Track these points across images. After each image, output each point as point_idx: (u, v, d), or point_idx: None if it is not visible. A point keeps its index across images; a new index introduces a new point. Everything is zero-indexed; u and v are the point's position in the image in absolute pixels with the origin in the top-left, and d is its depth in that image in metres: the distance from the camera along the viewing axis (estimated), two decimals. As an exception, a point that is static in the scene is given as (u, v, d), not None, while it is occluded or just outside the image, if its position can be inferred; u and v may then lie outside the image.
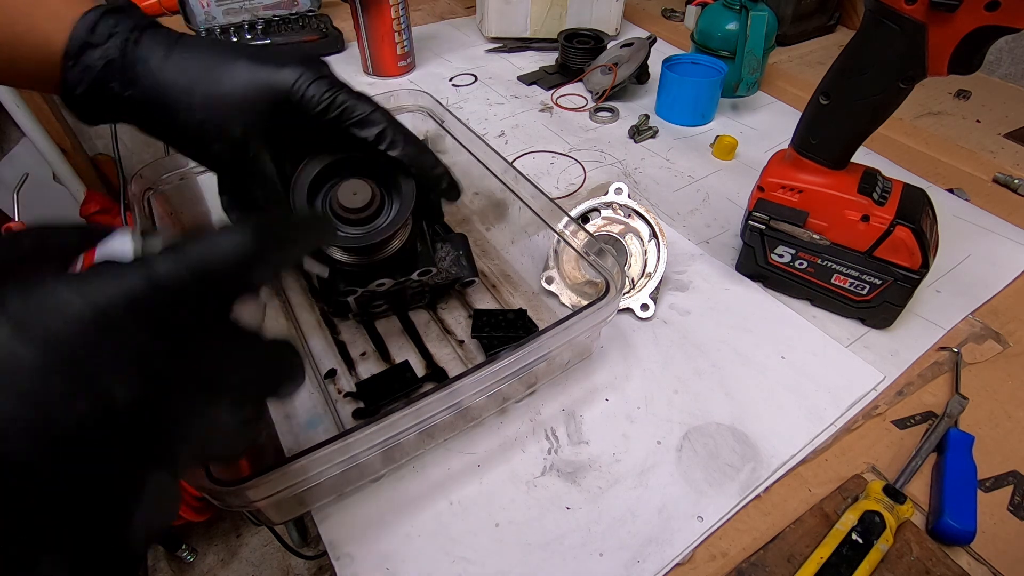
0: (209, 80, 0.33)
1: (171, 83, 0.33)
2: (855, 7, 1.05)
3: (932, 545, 0.37)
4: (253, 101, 0.34)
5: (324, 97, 0.35)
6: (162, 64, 0.33)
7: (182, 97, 0.33)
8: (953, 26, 0.37)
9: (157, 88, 0.33)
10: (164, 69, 0.33)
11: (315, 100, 0.34)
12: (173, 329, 0.18)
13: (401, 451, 0.40)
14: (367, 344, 0.49)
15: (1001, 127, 0.80)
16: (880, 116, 0.44)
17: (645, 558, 0.37)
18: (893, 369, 0.48)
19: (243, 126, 0.34)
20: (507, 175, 0.51)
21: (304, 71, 0.34)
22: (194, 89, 0.33)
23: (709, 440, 0.43)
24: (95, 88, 0.33)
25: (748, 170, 0.71)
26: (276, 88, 0.34)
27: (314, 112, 0.35)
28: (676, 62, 0.80)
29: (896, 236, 0.45)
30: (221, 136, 0.34)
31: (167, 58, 0.33)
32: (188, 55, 0.34)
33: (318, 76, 0.35)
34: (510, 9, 0.95)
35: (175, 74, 0.33)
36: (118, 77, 0.33)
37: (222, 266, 0.19)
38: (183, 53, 0.34)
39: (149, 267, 0.17)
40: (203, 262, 0.18)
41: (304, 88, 0.34)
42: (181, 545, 1.07)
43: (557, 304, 0.52)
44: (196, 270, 0.18)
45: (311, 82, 0.34)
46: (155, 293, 0.17)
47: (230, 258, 0.19)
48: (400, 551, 0.37)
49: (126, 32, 0.33)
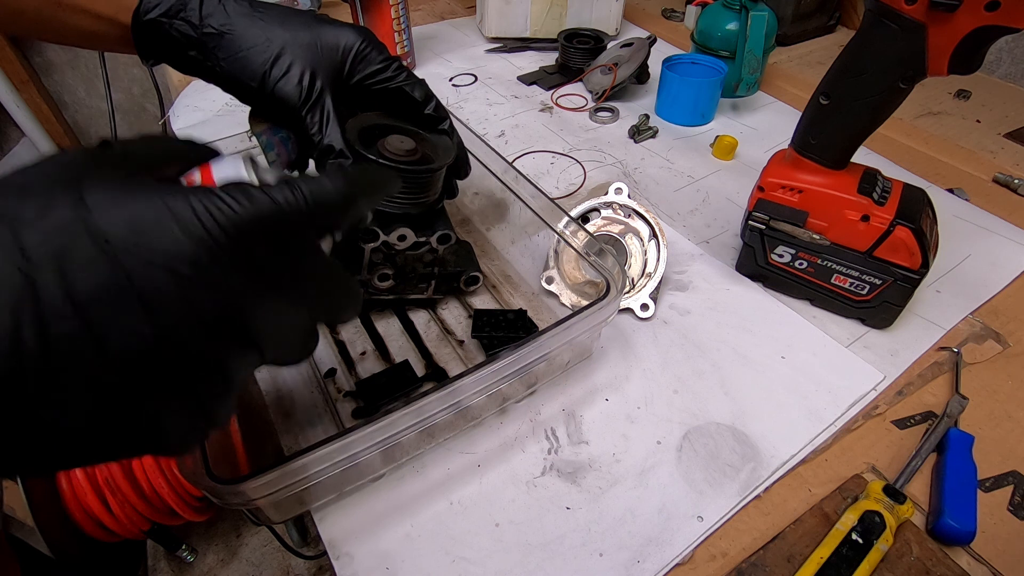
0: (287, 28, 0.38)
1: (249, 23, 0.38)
2: (855, 7, 1.05)
3: (932, 545, 0.37)
4: (326, 50, 0.40)
5: (383, 59, 0.42)
6: (241, 7, 0.38)
7: (261, 35, 0.38)
8: (953, 26, 0.37)
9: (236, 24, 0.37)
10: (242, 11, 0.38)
11: (377, 59, 0.42)
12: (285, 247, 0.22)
13: (401, 451, 0.40)
14: (367, 343, 0.49)
15: (1001, 127, 0.79)
16: (880, 116, 0.44)
17: (645, 558, 0.37)
18: (893, 369, 0.48)
19: (313, 67, 0.39)
20: (507, 175, 0.51)
21: (368, 34, 0.42)
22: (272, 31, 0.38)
23: (709, 440, 0.43)
24: (169, 13, 0.37)
25: (748, 170, 0.71)
26: (345, 43, 0.40)
27: (372, 70, 0.42)
28: (676, 62, 0.80)
29: (896, 236, 0.45)
30: (291, 74, 0.38)
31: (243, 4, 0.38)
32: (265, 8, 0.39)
33: (378, 42, 0.42)
34: (510, 9, 0.95)
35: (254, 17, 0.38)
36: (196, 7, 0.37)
37: (330, 202, 0.23)
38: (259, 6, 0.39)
39: (274, 195, 0.21)
40: (315, 197, 0.22)
41: (368, 48, 0.41)
42: (181, 545, 1.07)
43: (557, 304, 0.52)
44: (311, 203, 0.22)
45: (372, 44, 0.41)
46: (279, 216, 0.21)
47: (335, 198, 0.23)
48: (400, 551, 0.37)
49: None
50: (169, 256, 0.18)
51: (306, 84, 0.38)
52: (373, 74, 0.42)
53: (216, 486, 0.29)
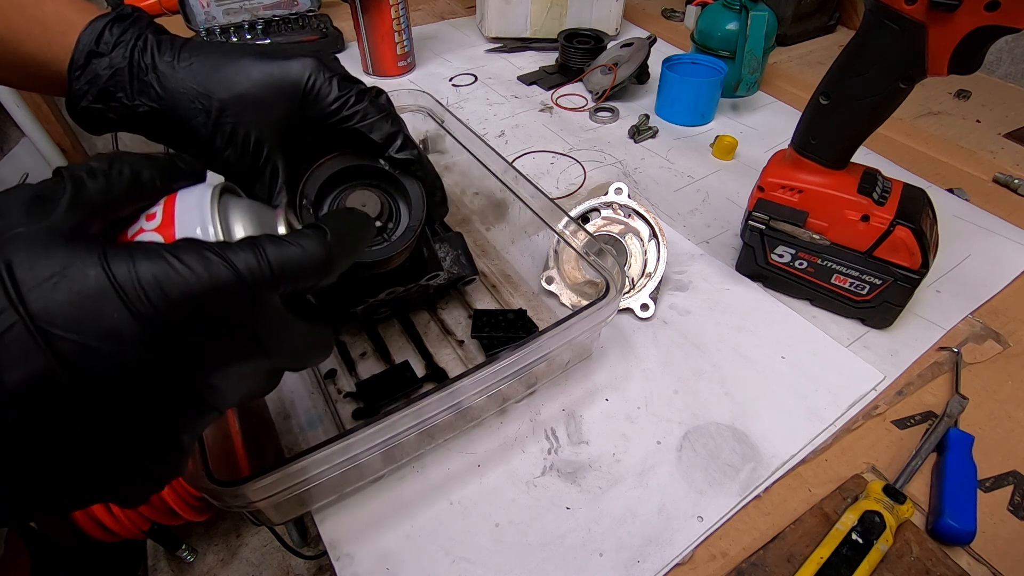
0: (220, 82, 0.33)
1: (182, 91, 0.32)
2: (855, 7, 1.05)
3: (932, 545, 0.37)
4: (268, 100, 0.33)
5: (337, 96, 0.34)
6: (170, 72, 0.32)
7: (195, 104, 0.33)
8: (953, 26, 0.37)
9: (168, 97, 0.33)
10: (173, 76, 0.32)
11: (328, 96, 0.34)
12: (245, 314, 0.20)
13: (401, 451, 0.40)
14: (367, 344, 0.49)
15: (1001, 127, 0.79)
16: (880, 116, 0.44)
17: (645, 558, 0.37)
18: (893, 369, 0.48)
19: (258, 129, 0.33)
20: (507, 175, 0.51)
21: (315, 64, 0.34)
22: (207, 94, 0.33)
23: (709, 440, 0.43)
24: (101, 99, 0.32)
25: (748, 170, 0.71)
26: (288, 81, 0.33)
27: (326, 109, 0.34)
28: (676, 62, 0.80)
29: (896, 236, 0.45)
30: (235, 142, 0.33)
31: (175, 64, 0.33)
32: (196, 59, 0.33)
33: (329, 71, 0.34)
34: (510, 9, 0.95)
35: (185, 80, 0.33)
36: (125, 88, 0.32)
37: (298, 271, 0.21)
38: (191, 57, 0.33)
39: (236, 262, 0.19)
40: (282, 264, 0.20)
41: (316, 84, 0.34)
42: (181, 545, 1.07)
43: (557, 304, 0.52)
44: (275, 271, 0.20)
45: (322, 76, 0.34)
46: (237, 285, 0.19)
47: (306, 266, 0.21)
48: (400, 551, 0.37)
49: (132, 40, 0.32)
50: (113, 339, 0.17)
51: (251, 149, 0.34)
52: (329, 114, 0.35)
53: (216, 488, 0.29)
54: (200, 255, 0.19)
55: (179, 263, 0.18)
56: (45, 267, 0.17)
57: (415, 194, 0.38)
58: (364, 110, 0.35)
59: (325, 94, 0.34)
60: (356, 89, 0.35)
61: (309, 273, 0.22)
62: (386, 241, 0.38)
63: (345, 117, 0.35)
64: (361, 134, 0.36)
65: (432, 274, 0.45)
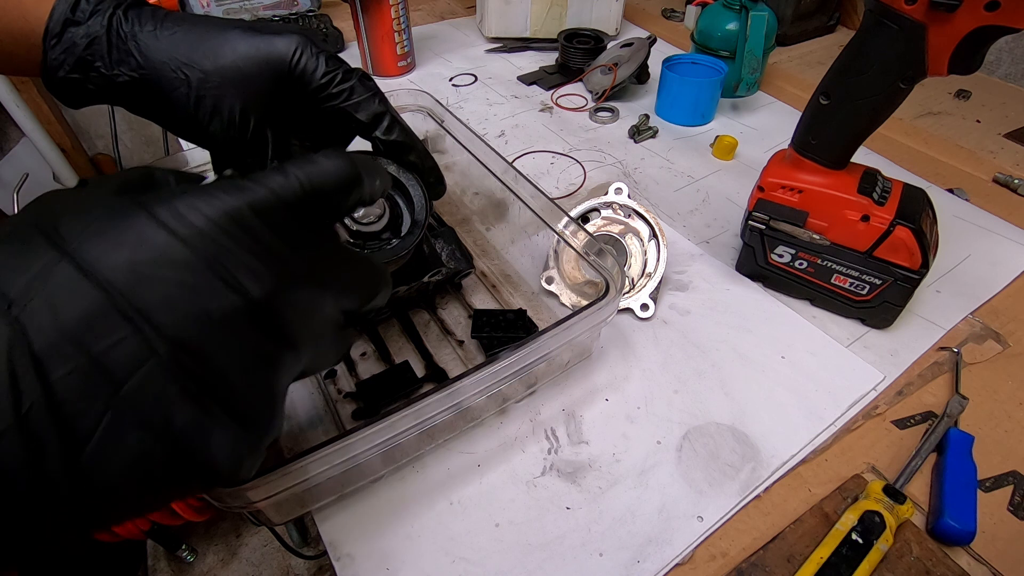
0: (205, 54, 0.32)
1: (163, 61, 0.31)
2: (855, 7, 1.05)
3: (932, 545, 0.37)
4: (253, 74, 0.33)
5: (325, 72, 0.34)
6: (151, 41, 0.31)
7: (177, 74, 0.32)
8: (953, 26, 0.37)
9: (149, 67, 0.31)
10: (154, 46, 0.31)
11: (315, 73, 0.34)
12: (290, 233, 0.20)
13: (401, 451, 0.40)
14: (367, 344, 0.49)
15: (1001, 127, 0.79)
16: (880, 116, 0.44)
17: (645, 558, 0.37)
18: (893, 369, 0.48)
19: (243, 100, 0.33)
20: (507, 175, 0.51)
21: (302, 40, 0.33)
22: (190, 65, 0.32)
23: (709, 440, 0.43)
24: (79, 68, 0.32)
25: (748, 170, 0.71)
26: (275, 56, 0.33)
27: (313, 86, 0.34)
28: (676, 62, 0.80)
29: (896, 236, 0.45)
30: (220, 113, 0.33)
31: (156, 34, 0.31)
32: (180, 29, 0.32)
33: (316, 48, 0.34)
34: (510, 9, 0.95)
35: (168, 50, 0.31)
36: (104, 57, 0.31)
37: (327, 183, 0.21)
38: (175, 27, 0.32)
39: (265, 182, 0.20)
40: (310, 178, 0.21)
41: (303, 60, 0.33)
42: (181, 545, 1.07)
43: (557, 304, 0.52)
44: (306, 184, 0.20)
45: (310, 54, 0.33)
46: (275, 201, 0.20)
47: (332, 177, 0.21)
48: (400, 551, 0.37)
49: (110, 8, 0.31)
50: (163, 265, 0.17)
51: (237, 121, 0.33)
52: (315, 90, 0.34)
53: (216, 489, 0.29)
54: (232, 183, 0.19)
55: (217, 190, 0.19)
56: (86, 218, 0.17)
57: (416, 192, 0.38)
58: (351, 87, 0.35)
59: (311, 70, 0.33)
60: (343, 68, 0.35)
61: (337, 187, 0.22)
62: (392, 242, 0.38)
63: (332, 95, 0.34)
64: (348, 115, 0.35)
65: (434, 271, 0.45)
